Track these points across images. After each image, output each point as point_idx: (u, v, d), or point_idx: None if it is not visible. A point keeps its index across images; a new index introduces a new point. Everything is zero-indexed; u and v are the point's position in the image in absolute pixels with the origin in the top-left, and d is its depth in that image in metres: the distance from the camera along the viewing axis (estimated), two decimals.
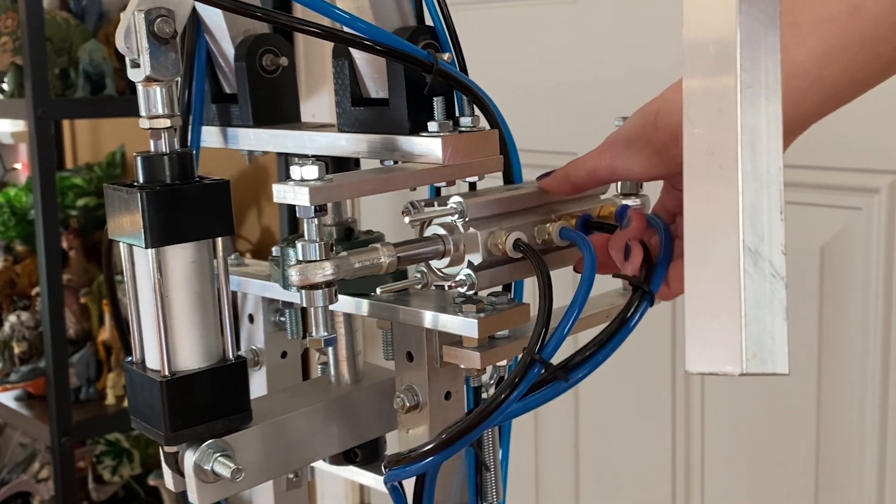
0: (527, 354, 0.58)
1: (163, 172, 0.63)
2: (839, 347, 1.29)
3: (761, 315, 0.42)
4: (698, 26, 0.44)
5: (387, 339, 0.73)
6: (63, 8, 2.00)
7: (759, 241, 0.42)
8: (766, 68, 0.43)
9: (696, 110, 0.44)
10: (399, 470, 0.60)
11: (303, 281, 0.58)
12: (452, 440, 0.58)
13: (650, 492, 1.56)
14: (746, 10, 0.43)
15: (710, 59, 0.43)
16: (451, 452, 0.59)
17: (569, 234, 0.65)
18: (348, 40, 0.64)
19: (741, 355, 0.42)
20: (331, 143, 0.72)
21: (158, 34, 0.60)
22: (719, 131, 0.43)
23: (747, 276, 0.42)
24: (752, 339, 0.42)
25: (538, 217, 0.67)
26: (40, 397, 1.99)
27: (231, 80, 0.79)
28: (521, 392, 0.57)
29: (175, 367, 0.64)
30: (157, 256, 0.62)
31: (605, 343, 0.59)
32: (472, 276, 0.63)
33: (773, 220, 0.43)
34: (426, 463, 0.59)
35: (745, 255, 0.42)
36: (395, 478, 0.61)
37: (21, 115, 1.80)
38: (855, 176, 1.26)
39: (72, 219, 2.26)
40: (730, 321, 0.42)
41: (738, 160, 0.42)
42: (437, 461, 0.59)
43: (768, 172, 0.43)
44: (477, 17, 1.66)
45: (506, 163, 0.70)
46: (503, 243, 0.63)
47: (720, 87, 0.43)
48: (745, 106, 0.43)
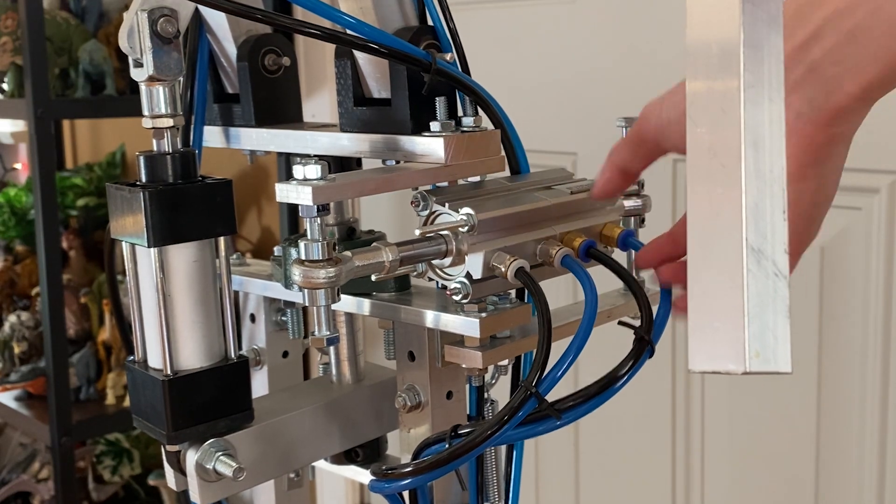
0: (524, 388, 0.58)
1: (165, 172, 0.63)
2: (839, 347, 1.29)
3: (764, 314, 0.42)
4: (701, 26, 0.44)
5: (388, 339, 0.73)
6: (63, 8, 2.00)
7: (762, 240, 0.42)
8: (769, 68, 0.43)
9: (699, 110, 0.44)
10: (381, 484, 0.60)
11: (305, 280, 0.58)
12: (432, 467, 0.58)
13: (650, 492, 1.56)
14: (750, 11, 0.43)
15: (713, 59, 0.43)
16: (431, 478, 0.59)
17: (572, 267, 0.64)
18: (349, 42, 0.64)
19: (744, 354, 0.42)
20: (333, 143, 0.72)
21: (161, 34, 0.61)
22: (722, 131, 0.43)
23: (750, 275, 0.42)
24: (755, 337, 0.42)
25: (543, 232, 0.66)
26: (40, 397, 1.99)
27: (233, 80, 0.79)
28: (513, 426, 0.57)
29: (177, 367, 0.64)
30: (160, 256, 0.62)
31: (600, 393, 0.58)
32: (467, 286, 0.63)
33: (775, 219, 0.43)
34: (406, 483, 0.59)
35: (748, 254, 0.42)
36: (379, 490, 0.61)
37: (21, 115, 1.80)
38: (855, 176, 1.26)
39: (72, 219, 2.26)
40: (733, 320, 0.42)
41: (741, 159, 0.43)
42: (416, 483, 0.59)
43: (771, 172, 0.43)
44: (477, 17, 1.66)
45: (511, 156, 0.70)
46: (506, 268, 0.63)
47: (723, 87, 0.43)
48: (749, 106, 0.43)
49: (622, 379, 0.59)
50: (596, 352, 0.71)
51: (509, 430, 0.57)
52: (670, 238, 0.64)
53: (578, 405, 0.58)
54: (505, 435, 0.57)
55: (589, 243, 0.66)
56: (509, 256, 0.63)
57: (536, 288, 0.62)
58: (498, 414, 0.58)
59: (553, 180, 0.70)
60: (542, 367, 0.58)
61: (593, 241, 0.67)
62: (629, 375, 0.59)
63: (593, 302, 0.59)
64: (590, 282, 0.61)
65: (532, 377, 0.57)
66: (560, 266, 0.65)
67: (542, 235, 0.65)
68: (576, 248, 0.66)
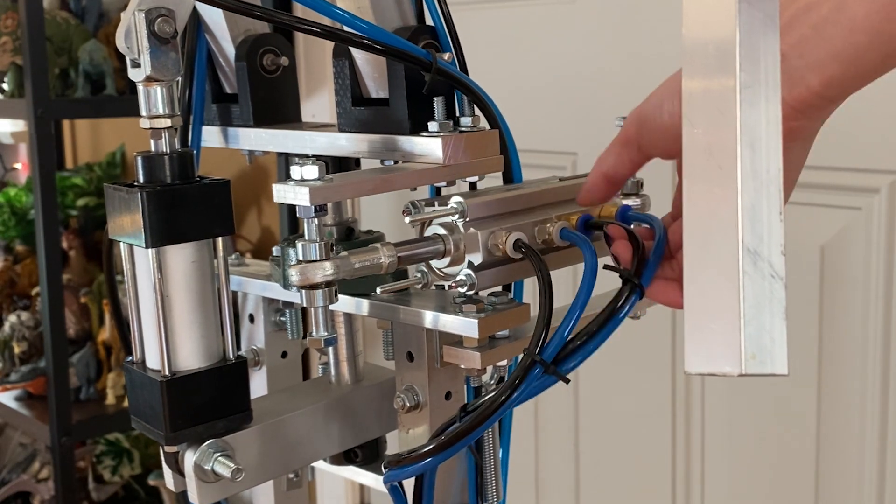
0: (527, 355, 0.58)
1: (163, 172, 0.63)
2: (839, 347, 1.29)
3: (760, 316, 0.42)
4: (698, 26, 0.44)
5: (387, 339, 0.73)
6: (63, 8, 2.00)
7: (759, 241, 0.42)
8: (765, 68, 0.43)
9: (695, 110, 0.44)
10: (398, 470, 0.60)
11: (303, 281, 0.58)
12: (452, 442, 0.58)
13: (650, 492, 1.56)
14: (746, 10, 0.43)
15: (709, 59, 0.43)
16: (450, 454, 0.59)
17: (569, 236, 0.65)
18: (348, 39, 0.64)
19: (740, 356, 0.42)
20: (331, 143, 0.72)
21: (159, 34, 0.60)
22: (719, 131, 0.43)
23: (746, 277, 0.42)
24: (752, 339, 0.42)
25: (538, 217, 0.67)
26: (40, 397, 1.99)
27: (232, 80, 0.79)
28: (522, 394, 0.57)
29: (175, 367, 0.64)
30: (158, 256, 0.62)
31: (595, 334, 0.58)
32: (472, 276, 0.63)
33: (772, 220, 0.43)
34: (425, 464, 0.59)
35: (745, 256, 0.42)
36: (395, 478, 0.61)
37: (21, 115, 1.80)
38: (855, 176, 1.26)
39: (72, 219, 2.26)
40: (729, 322, 0.42)
41: (737, 160, 0.43)
42: (436, 462, 0.59)
43: (767, 172, 0.43)
44: (477, 17, 1.66)
45: (506, 163, 0.70)
46: (503, 243, 0.63)
47: (719, 88, 0.43)
48: (745, 106, 0.43)
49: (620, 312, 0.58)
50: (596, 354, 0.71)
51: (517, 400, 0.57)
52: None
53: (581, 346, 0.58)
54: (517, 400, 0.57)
55: (586, 217, 0.67)
56: (505, 232, 0.63)
57: (535, 255, 0.62)
58: (508, 380, 0.58)
59: (545, 181, 0.71)
60: (545, 332, 0.58)
61: (590, 214, 0.67)
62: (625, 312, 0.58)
63: (593, 262, 0.60)
64: (589, 247, 0.61)
65: (535, 342, 0.57)
66: (560, 239, 0.65)
67: (538, 218, 0.66)
68: (573, 223, 0.67)
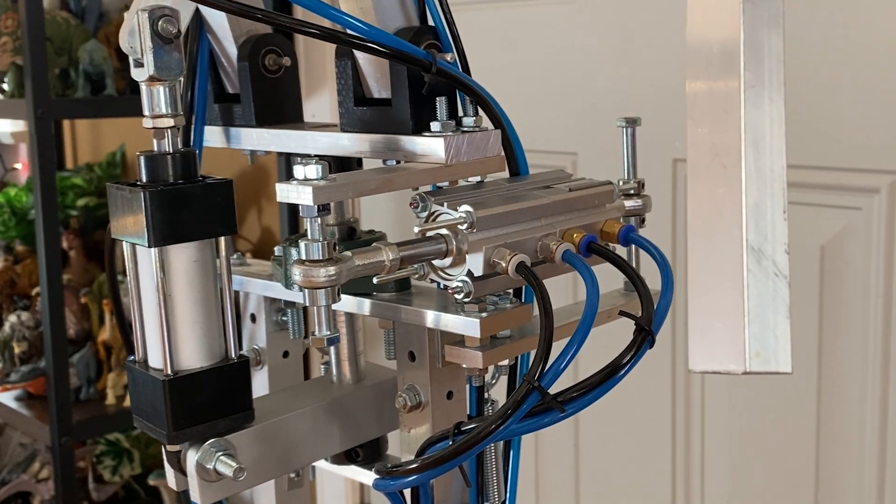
0: (526, 382, 0.57)
1: (166, 172, 0.63)
2: (839, 347, 1.29)
3: (764, 314, 0.42)
4: (702, 27, 0.44)
5: (389, 339, 0.73)
6: (63, 8, 2.00)
7: (763, 240, 0.42)
8: (769, 68, 0.43)
9: (699, 110, 0.44)
10: (386, 482, 0.60)
11: (306, 280, 0.58)
12: (438, 463, 0.58)
13: (650, 492, 1.56)
14: (750, 11, 0.43)
15: (713, 59, 0.43)
16: (436, 474, 0.59)
17: (573, 262, 0.64)
18: (348, 41, 0.64)
19: (744, 354, 0.42)
20: (333, 143, 0.72)
21: (162, 34, 0.61)
22: (723, 131, 0.43)
23: (750, 275, 0.42)
24: (756, 337, 0.42)
25: (543, 229, 0.66)
26: (40, 397, 1.99)
27: (234, 80, 0.79)
28: (515, 420, 0.57)
29: (178, 367, 0.64)
30: (160, 256, 0.62)
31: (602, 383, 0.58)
32: (469, 285, 0.63)
33: (776, 219, 0.43)
34: (411, 480, 0.59)
35: (749, 254, 0.42)
36: (383, 489, 0.61)
37: (21, 115, 1.80)
38: (855, 176, 1.26)
39: (72, 219, 2.26)
40: (733, 320, 0.42)
41: (741, 159, 0.43)
42: (421, 480, 0.59)
43: (772, 172, 0.43)
44: (477, 17, 1.67)
45: (510, 157, 0.70)
46: (507, 263, 0.63)
47: (724, 88, 0.43)
48: (749, 106, 0.43)
49: (623, 369, 0.58)
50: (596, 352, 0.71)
51: (513, 424, 0.57)
52: None
53: (581, 396, 0.58)
54: (509, 429, 0.57)
55: (590, 238, 0.66)
56: (510, 252, 0.63)
57: (538, 282, 0.61)
58: (501, 408, 0.58)
59: (552, 180, 0.70)
60: (544, 360, 0.58)
61: (594, 236, 0.67)
62: (630, 365, 0.58)
63: (595, 295, 0.59)
64: (591, 276, 0.61)
65: (534, 370, 0.57)
66: (561, 261, 0.65)
67: (542, 232, 0.65)
68: (576, 243, 0.66)
